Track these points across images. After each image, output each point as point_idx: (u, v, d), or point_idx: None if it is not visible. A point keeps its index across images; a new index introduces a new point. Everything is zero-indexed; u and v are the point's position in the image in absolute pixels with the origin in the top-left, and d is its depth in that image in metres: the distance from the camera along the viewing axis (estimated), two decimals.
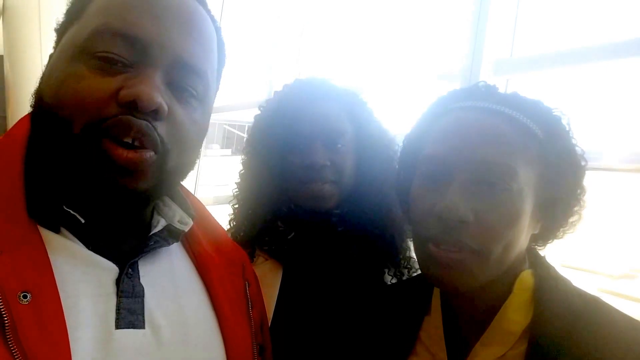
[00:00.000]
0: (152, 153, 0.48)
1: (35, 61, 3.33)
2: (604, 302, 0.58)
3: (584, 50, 1.07)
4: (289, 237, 0.93)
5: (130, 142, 0.47)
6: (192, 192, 0.69)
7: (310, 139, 0.88)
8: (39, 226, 0.47)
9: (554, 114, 0.60)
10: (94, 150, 0.46)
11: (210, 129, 0.63)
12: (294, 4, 2.17)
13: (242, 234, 0.95)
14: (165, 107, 0.48)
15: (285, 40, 2.20)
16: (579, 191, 0.60)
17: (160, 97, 0.47)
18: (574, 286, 0.60)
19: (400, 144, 0.71)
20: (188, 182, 0.61)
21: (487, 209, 0.54)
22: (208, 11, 0.57)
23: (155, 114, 0.47)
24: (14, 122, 0.55)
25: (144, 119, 0.47)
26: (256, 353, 0.61)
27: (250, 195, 0.96)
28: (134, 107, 0.46)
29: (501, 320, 0.58)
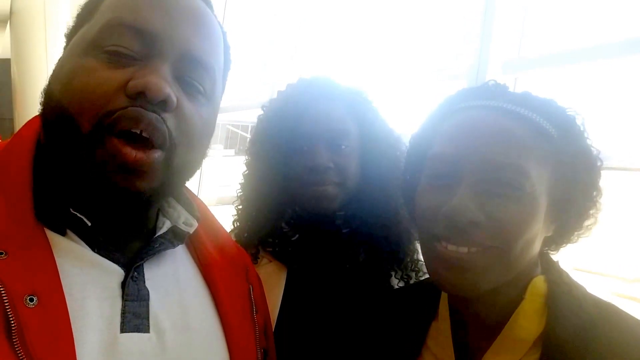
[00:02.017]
0: (159, 152, 0.48)
1: (41, 64, 3.37)
2: (618, 308, 0.56)
3: (592, 48, 1.05)
4: (293, 239, 0.92)
5: (139, 132, 0.46)
6: (196, 193, 0.68)
7: (313, 140, 0.87)
8: (45, 228, 0.47)
9: (568, 113, 0.58)
10: (102, 149, 0.46)
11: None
12: (291, 1, 2.16)
13: (246, 235, 0.94)
14: (174, 98, 0.48)
15: (282, 37, 2.19)
16: (594, 193, 0.58)
17: (168, 88, 0.47)
18: (587, 292, 0.59)
19: (406, 144, 0.70)
20: (191, 183, 0.61)
21: (498, 209, 0.53)
22: (215, 15, 0.57)
23: (164, 104, 0.47)
24: (21, 125, 0.54)
25: (153, 111, 0.47)
26: (260, 357, 0.60)
27: (254, 197, 0.95)
28: (142, 97, 0.46)
29: (513, 327, 0.56)
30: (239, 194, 0.99)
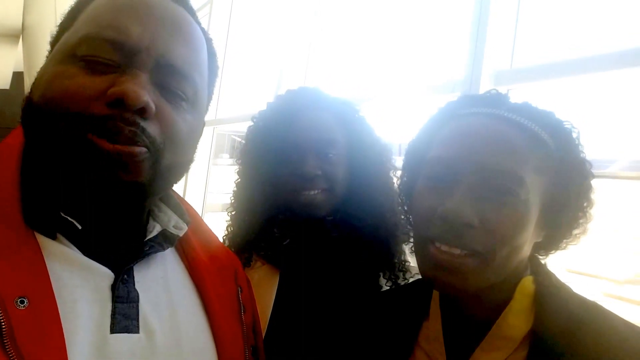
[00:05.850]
0: (144, 149, 0.48)
1: None
2: (604, 308, 0.58)
3: (584, 60, 1.05)
4: (284, 243, 0.94)
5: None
6: (201, 200, 0.71)
7: (301, 150, 0.90)
8: (35, 233, 0.48)
9: (565, 125, 0.60)
10: (80, 142, 0.46)
11: (220, 140, 0.65)
12: (302, 15, 2.21)
13: (239, 239, 0.96)
14: (152, 105, 0.48)
15: (293, 51, 2.24)
16: (585, 204, 0.60)
17: (147, 95, 0.47)
18: (574, 292, 0.60)
19: (393, 152, 0.72)
20: (197, 190, 0.63)
21: (493, 214, 0.54)
22: (198, 22, 0.57)
23: (142, 112, 0.47)
24: None
25: (133, 120, 0.47)
26: (248, 355, 0.61)
27: (245, 204, 0.98)
28: (121, 104, 0.46)
29: (501, 325, 0.58)
30: (231, 201, 1.02)
